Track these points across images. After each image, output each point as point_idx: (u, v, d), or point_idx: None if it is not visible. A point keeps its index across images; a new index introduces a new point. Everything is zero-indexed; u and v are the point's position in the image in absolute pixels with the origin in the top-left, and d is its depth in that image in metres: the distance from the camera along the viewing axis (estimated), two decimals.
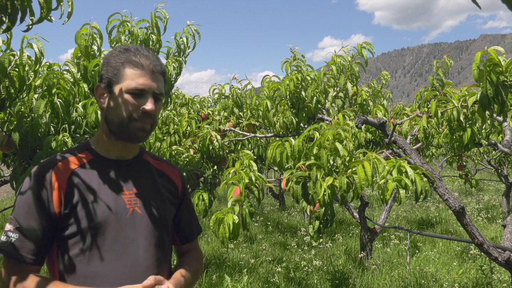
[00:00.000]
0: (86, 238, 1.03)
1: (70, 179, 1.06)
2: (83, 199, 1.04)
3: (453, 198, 2.10)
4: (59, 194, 1.03)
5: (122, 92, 1.07)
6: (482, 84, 1.83)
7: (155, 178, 1.21)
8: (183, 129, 3.17)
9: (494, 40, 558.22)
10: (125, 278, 1.04)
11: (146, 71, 1.08)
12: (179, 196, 1.27)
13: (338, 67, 2.85)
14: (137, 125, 1.08)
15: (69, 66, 2.09)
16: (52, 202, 1.02)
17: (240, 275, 4.38)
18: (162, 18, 2.30)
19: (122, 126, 1.08)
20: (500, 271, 4.34)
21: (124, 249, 1.06)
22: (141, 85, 1.07)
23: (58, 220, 1.03)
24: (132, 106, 1.07)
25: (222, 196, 9.67)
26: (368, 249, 4.92)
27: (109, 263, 1.04)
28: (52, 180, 1.03)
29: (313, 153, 1.68)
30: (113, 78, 1.09)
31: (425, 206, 8.99)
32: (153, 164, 1.24)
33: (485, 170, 11.82)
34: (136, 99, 1.07)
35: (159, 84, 1.11)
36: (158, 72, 1.11)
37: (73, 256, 1.03)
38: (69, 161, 1.09)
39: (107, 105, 1.11)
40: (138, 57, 1.09)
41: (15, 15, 1.24)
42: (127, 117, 1.07)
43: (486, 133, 3.80)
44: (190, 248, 1.32)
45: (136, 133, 1.09)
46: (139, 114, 1.08)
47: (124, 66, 1.08)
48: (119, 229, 1.06)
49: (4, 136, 1.96)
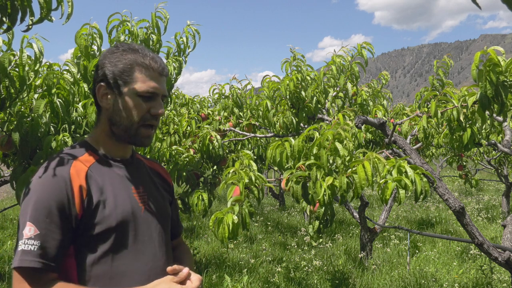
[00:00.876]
0: (110, 238, 1.01)
1: (88, 178, 1.03)
2: (102, 198, 1.02)
3: (453, 198, 2.10)
4: (81, 194, 0.99)
5: (131, 96, 1.06)
6: (482, 84, 1.83)
7: (152, 177, 1.23)
8: (183, 129, 3.17)
9: (494, 40, 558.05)
10: (148, 276, 1.04)
11: (156, 75, 1.08)
12: (171, 193, 1.30)
13: (338, 67, 2.85)
14: (145, 132, 1.09)
15: (69, 66, 2.08)
16: (74, 204, 0.98)
17: (240, 275, 4.38)
18: (162, 18, 2.30)
19: (131, 129, 1.08)
20: (500, 271, 4.34)
21: (143, 246, 1.07)
22: (152, 89, 1.07)
23: (79, 222, 0.99)
24: (142, 110, 1.07)
25: (222, 196, 9.67)
26: (368, 249, 4.92)
27: (132, 261, 1.04)
28: (71, 180, 0.99)
29: (313, 153, 1.68)
30: (121, 79, 1.07)
31: (425, 206, 8.99)
32: (146, 163, 1.26)
33: (485, 170, 11.81)
34: (146, 103, 1.07)
35: (165, 86, 1.12)
36: (164, 75, 1.12)
37: (95, 258, 1.00)
38: (81, 160, 1.06)
39: (113, 107, 1.09)
40: (147, 60, 1.08)
41: (15, 15, 1.24)
42: (137, 121, 1.07)
43: (486, 133, 3.80)
44: (179, 242, 1.35)
45: (142, 140, 1.10)
46: (148, 118, 1.08)
47: (134, 68, 1.07)
48: (137, 227, 1.07)
49: (4, 136, 1.96)
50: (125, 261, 1.03)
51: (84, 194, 1.00)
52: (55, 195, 0.97)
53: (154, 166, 1.28)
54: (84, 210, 0.99)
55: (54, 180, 0.98)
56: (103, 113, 1.12)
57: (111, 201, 1.03)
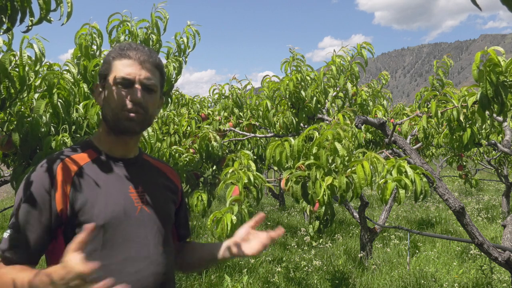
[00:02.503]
0: (97, 237, 1.01)
1: (77, 176, 1.04)
2: (92, 196, 1.03)
3: (453, 198, 2.10)
4: (64, 192, 1.01)
5: (110, 84, 1.07)
6: (482, 84, 1.83)
7: (156, 177, 1.22)
8: (183, 129, 3.17)
9: (494, 40, 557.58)
10: (137, 277, 1.04)
11: (133, 61, 1.08)
12: (178, 194, 1.28)
13: (338, 67, 2.85)
14: (124, 115, 1.06)
15: (69, 66, 2.08)
16: (54, 199, 1.00)
17: (240, 275, 4.38)
18: (162, 18, 2.30)
19: (114, 118, 1.07)
20: (500, 271, 4.34)
21: (135, 247, 1.06)
22: (127, 75, 1.06)
23: (63, 219, 1.00)
24: (120, 97, 1.06)
25: (221, 196, 9.67)
26: (368, 249, 4.92)
27: (120, 262, 1.03)
28: (57, 177, 1.01)
29: (313, 153, 1.68)
30: (104, 73, 1.10)
31: (425, 206, 8.99)
32: (153, 164, 1.25)
33: (485, 170, 11.81)
34: (125, 90, 1.06)
35: (149, 74, 1.09)
36: (148, 63, 1.09)
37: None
38: (75, 158, 1.07)
39: (102, 101, 1.11)
40: (126, 50, 1.09)
41: (15, 16, 1.24)
42: (116, 107, 1.06)
43: (486, 133, 3.80)
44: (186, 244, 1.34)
45: (124, 124, 1.07)
46: (128, 104, 1.06)
47: (114, 59, 1.09)
48: (129, 228, 1.06)
49: (4, 136, 1.96)
50: (112, 261, 1.02)
51: (68, 191, 1.01)
52: (37, 190, 1.00)
53: (161, 167, 1.27)
54: (67, 207, 1.00)
55: (41, 176, 1.02)
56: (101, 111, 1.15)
57: (102, 200, 1.03)
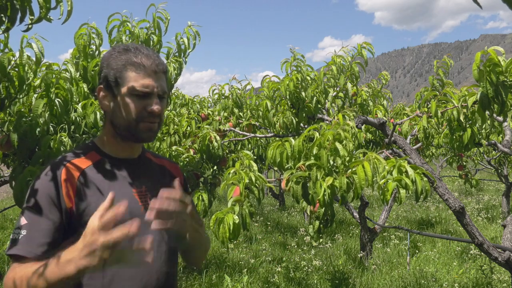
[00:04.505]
0: None
1: (80, 178, 1.05)
2: (96, 197, 1.04)
3: (453, 198, 2.10)
4: (68, 191, 1.02)
5: (126, 96, 1.08)
6: (482, 84, 1.83)
7: (158, 175, 1.23)
8: (183, 129, 3.17)
9: (494, 40, 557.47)
10: (141, 276, 1.05)
11: (148, 72, 1.08)
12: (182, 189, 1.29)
13: (338, 67, 2.85)
14: (145, 126, 1.09)
15: (67, 66, 2.08)
16: (63, 198, 1.01)
17: (240, 275, 4.38)
18: (163, 18, 2.29)
19: (130, 128, 1.09)
20: (500, 271, 4.34)
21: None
22: (145, 88, 1.07)
23: (71, 217, 1.02)
24: (138, 108, 1.08)
25: (222, 196, 9.67)
26: (368, 249, 4.92)
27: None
28: (61, 179, 1.03)
29: (313, 153, 1.68)
30: (115, 81, 1.09)
31: (425, 206, 8.99)
32: (154, 161, 1.26)
33: (485, 170, 11.81)
34: (141, 101, 1.08)
35: (161, 83, 1.11)
36: (160, 72, 1.11)
37: None
38: (78, 161, 1.09)
39: (112, 108, 1.11)
40: (139, 58, 1.08)
41: (15, 15, 1.24)
42: (134, 119, 1.08)
43: (486, 133, 3.80)
44: None
45: (144, 135, 1.10)
46: (145, 115, 1.08)
47: (126, 68, 1.08)
48: None
49: (4, 136, 1.95)
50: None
51: (72, 191, 1.03)
52: (45, 192, 1.01)
53: (164, 163, 1.28)
54: (73, 206, 1.02)
55: (45, 179, 1.03)
56: (106, 115, 1.15)
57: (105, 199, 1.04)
